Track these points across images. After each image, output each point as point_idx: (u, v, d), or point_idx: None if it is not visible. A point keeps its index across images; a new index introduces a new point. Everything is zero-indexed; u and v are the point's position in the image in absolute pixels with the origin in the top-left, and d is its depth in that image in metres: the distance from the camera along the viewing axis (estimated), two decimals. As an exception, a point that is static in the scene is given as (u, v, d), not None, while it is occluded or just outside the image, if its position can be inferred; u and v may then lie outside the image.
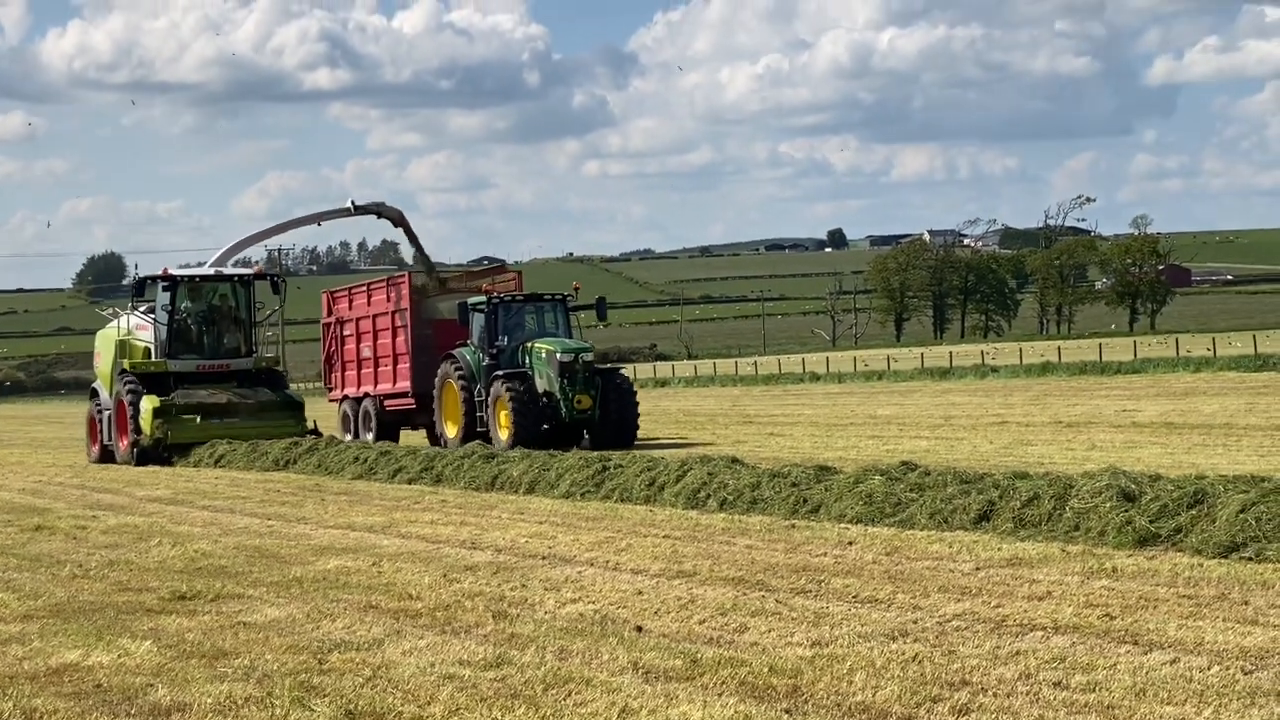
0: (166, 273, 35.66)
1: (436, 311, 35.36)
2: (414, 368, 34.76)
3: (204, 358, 35.38)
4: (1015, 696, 8.32)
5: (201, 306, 35.74)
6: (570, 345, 30.87)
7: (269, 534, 18.14)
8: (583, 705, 8.53)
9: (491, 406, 30.48)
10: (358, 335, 37.40)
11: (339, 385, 38.40)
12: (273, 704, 8.81)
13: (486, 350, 31.37)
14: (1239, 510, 13.19)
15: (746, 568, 13.44)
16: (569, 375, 30.26)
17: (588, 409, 30.36)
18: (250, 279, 36.27)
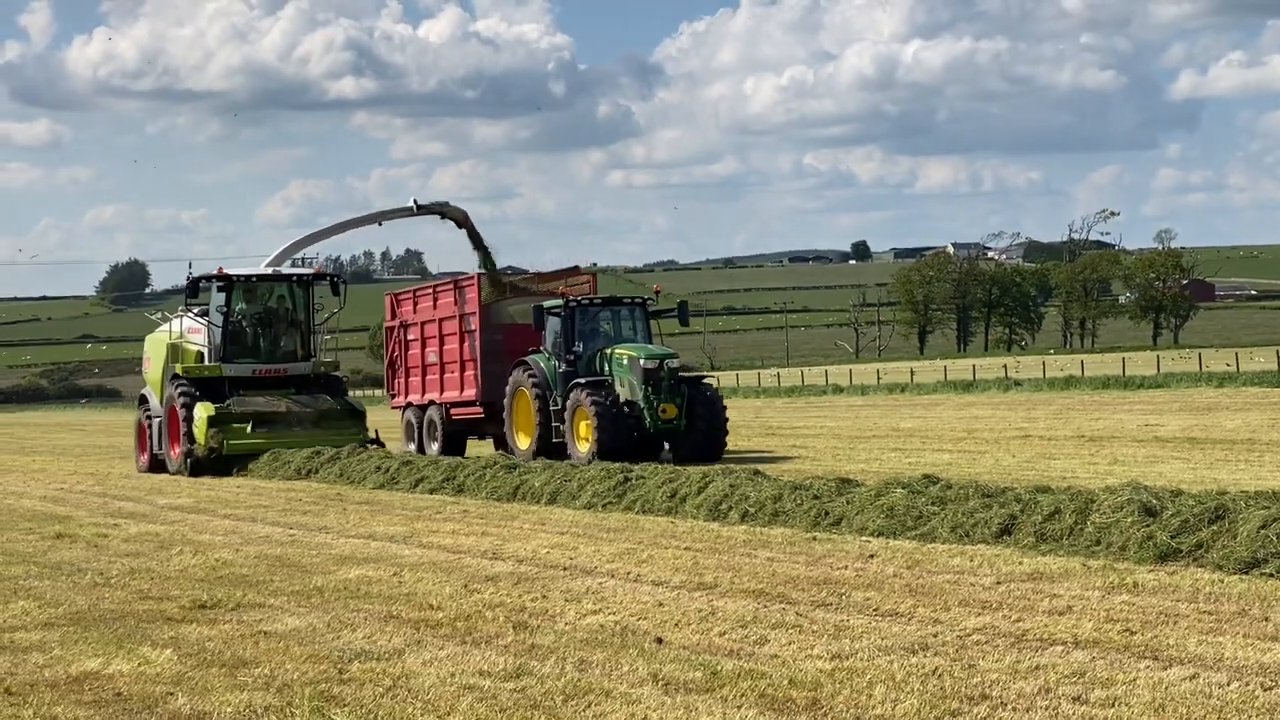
0: (222, 272, 33.90)
1: (506, 316, 33.62)
2: (483, 375, 33.07)
3: (260, 362, 33.77)
4: (1034, 711, 8.31)
5: (257, 308, 34.14)
6: (655, 351, 29.13)
7: (290, 543, 18.19)
8: (602, 716, 8.54)
9: (570, 417, 28.69)
10: (422, 340, 35.55)
11: (402, 392, 36.45)
12: (292, 713, 8.83)
13: (563, 357, 29.59)
14: (1260, 526, 13.15)
15: (767, 580, 13.44)
16: (654, 383, 28.52)
17: (674, 419, 28.60)
18: (309, 279, 34.59)
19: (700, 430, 28.76)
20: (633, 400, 28.49)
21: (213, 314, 33.72)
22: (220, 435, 31.68)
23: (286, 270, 35.18)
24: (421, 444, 34.64)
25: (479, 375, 33.07)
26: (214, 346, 33.61)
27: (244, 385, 33.15)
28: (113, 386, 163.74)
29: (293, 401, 32.90)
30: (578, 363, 29.41)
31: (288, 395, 33.11)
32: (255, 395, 32.81)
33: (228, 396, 32.56)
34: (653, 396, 28.38)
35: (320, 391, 33.69)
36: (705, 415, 28.84)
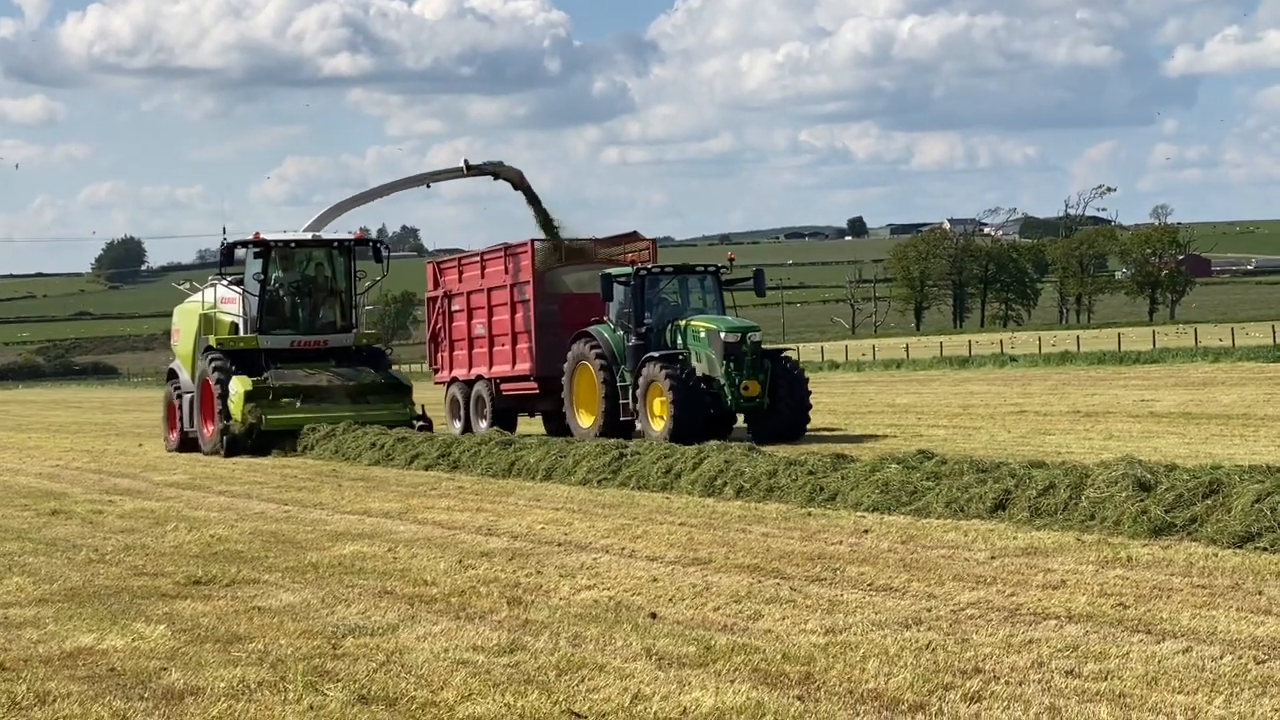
0: (258, 237, 31.58)
1: (562, 285, 31.32)
2: (537, 348, 30.76)
3: (299, 333, 31.73)
4: (1027, 685, 8.31)
5: (295, 276, 32.07)
6: (735, 324, 27.19)
7: (285, 519, 18.19)
8: (595, 691, 8.54)
9: (642, 393, 26.73)
10: (469, 310, 33.19)
11: (446, 366, 34.05)
12: (286, 688, 8.83)
13: (633, 329, 27.53)
14: (1254, 500, 13.16)
15: (762, 555, 13.45)
16: (735, 358, 26.57)
17: (756, 396, 26.68)
18: (351, 245, 32.43)
19: (783, 408, 26.90)
20: (711, 376, 26.76)
21: (248, 282, 31.71)
22: (258, 411, 29.77)
23: (327, 235, 33.15)
24: (468, 421, 32.47)
25: (534, 348, 30.92)
26: (250, 317, 31.66)
27: (281, 358, 31.20)
28: (109, 363, 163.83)
29: (334, 375, 30.95)
30: (649, 335, 27.54)
31: (328, 368, 31.21)
32: (294, 368, 30.89)
33: (265, 370, 30.64)
34: (734, 372, 26.59)
35: (362, 365, 31.71)
36: (789, 392, 26.96)
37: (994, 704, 7.92)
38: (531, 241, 31.58)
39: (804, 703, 8.07)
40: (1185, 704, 7.79)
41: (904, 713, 7.85)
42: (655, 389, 26.55)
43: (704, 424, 25.93)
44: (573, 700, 8.35)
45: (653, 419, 26.58)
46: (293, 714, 8.28)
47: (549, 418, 31.99)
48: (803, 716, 7.79)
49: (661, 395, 26.33)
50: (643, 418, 26.76)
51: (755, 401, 26.74)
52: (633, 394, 27.05)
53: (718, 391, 26.55)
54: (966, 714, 7.78)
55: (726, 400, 26.55)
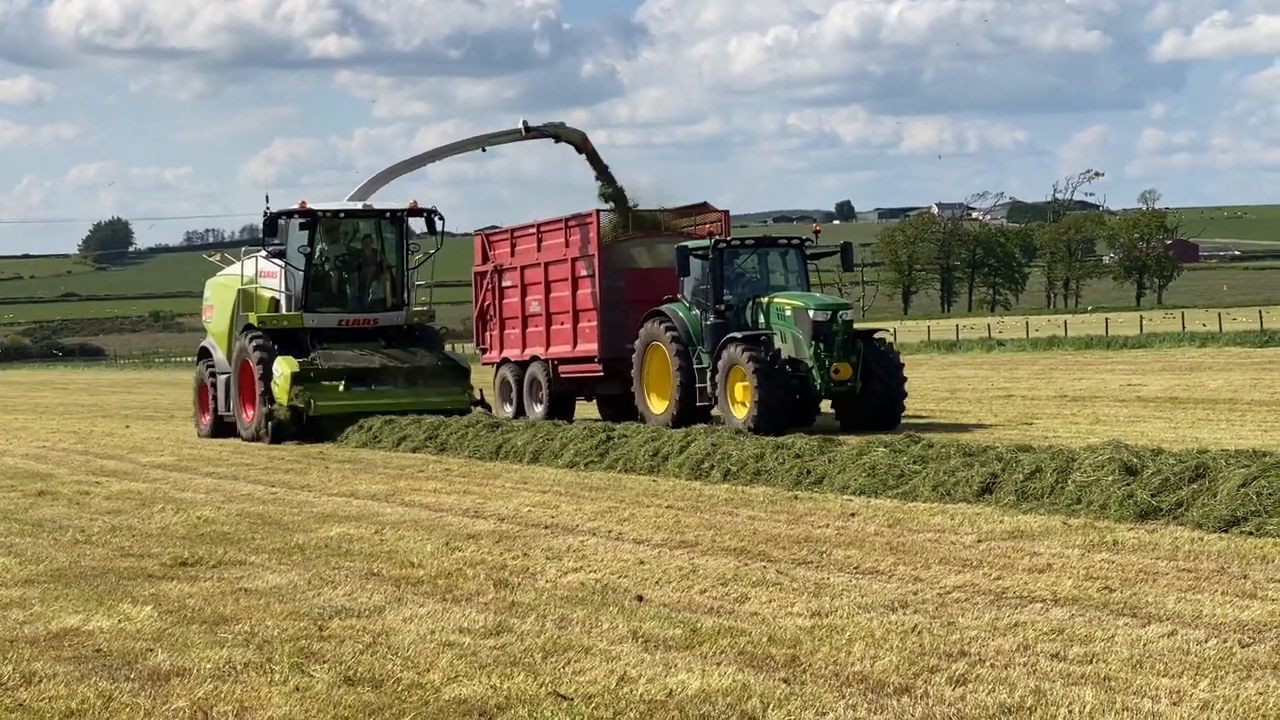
0: (305, 207, 29.27)
1: (629, 259, 29.06)
2: (602, 327, 28.48)
3: (347, 311, 29.56)
4: (1013, 667, 8.33)
5: (341, 249, 29.80)
6: (826, 301, 25.05)
7: (272, 501, 18.17)
8: (581, 673, 8.55)
9: (723, 377, 24.59)
10: (522, 286, 30.71)
11: (496, 346, 31.61)
12: (272, 669, 8.83)
13: (710, 306, 25.38)
14: (1240, 485, 13.19)
15: (748, 538, 13.46)
16: (825, 339, 24.40)
17: (848, 380, 24.47)
18: (404, 214, 29.90)
19: (876, 394, 24.64)
20: (798, 358, 24.56)
21: (292, 255, 29.30)
22: (306, 395, 27.52)
23: (380, 205, 30.55)
24: (521, 406, 30.19)
25: (600, 327, 28.52)
26: (293, 293, 29.37)
27: (327, 338, 29.06)
28: (96, 345, 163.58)
29: (386, 356, 28.73)
30: (729, 313, 25.43)
31: (378, 349, 29.03)
32: (342, 349, 28.70)
33: (310, 350, 28.48)
34: (823, 354, 24.38)
35: (415, 345, 29.50)
36: (882, 376, 24.69)
37: (979, 686, 7.93)
38: (597, 212, 29.30)
39: (790, 685, 8.08)
40: (1170, 687, 7.81)
41: (890, 695, 7.86)
42: (737, 373, 24.44)
43: (790, 410, 24.04)
44: (559, 682, 8.35)
45: (734, 405, 24.51)
46: (279, 695, 8.28)
47: (607, 402, 29.94)
48: (788, 699, 7.80)
49: (744, 380, 24.23)
50: (722, 404, 24.71)
51: (846, 386, 24.55)
52: (711, 378, 24.99)
53: (805, 375, 24.45)
54: (952, 696, 7.79)
55: (815, 385, 24.47)
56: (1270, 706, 7.39)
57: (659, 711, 7.71)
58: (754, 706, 7.70)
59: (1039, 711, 7.45)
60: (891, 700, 7.75)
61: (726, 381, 24.56)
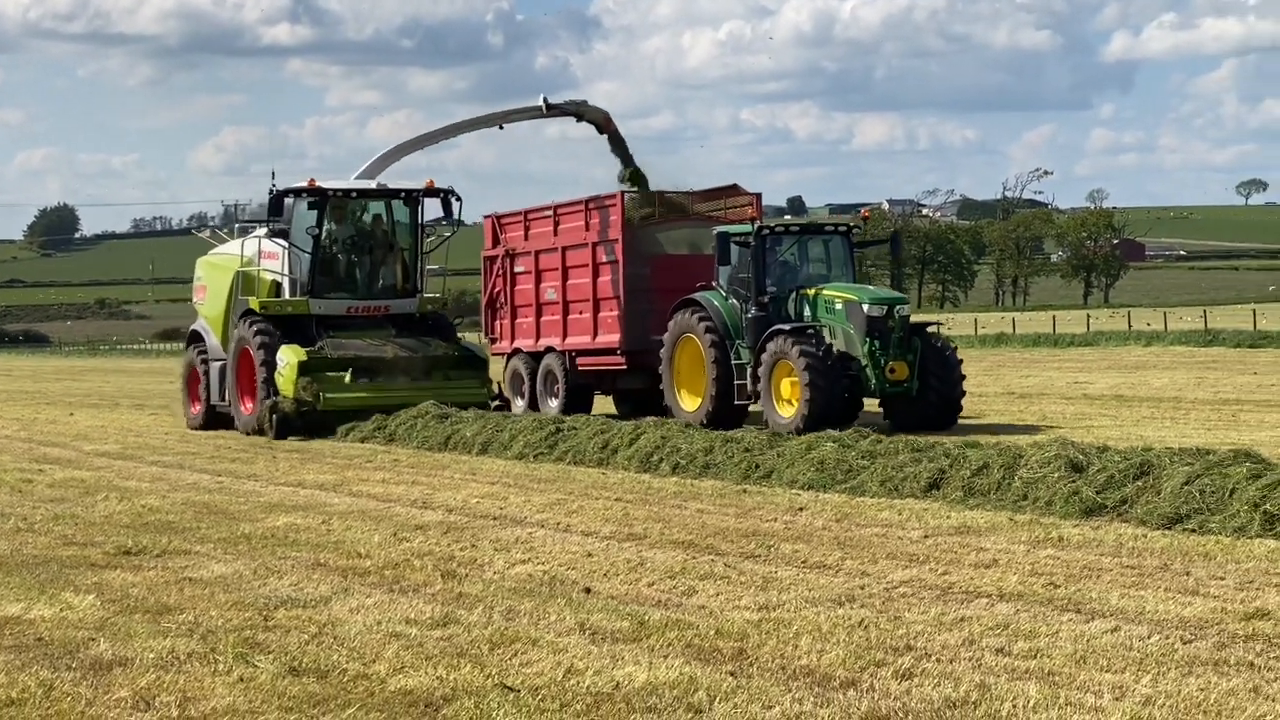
0: (314, 185, 27.15)
1: (655, 244, 27.28)
2: (625, 317, 26.74)
3: (356, 297, 27.64)
4: (958, 662, 8.37)
5: (349, 231, 27.91)
6: (881, 295, 23.56)
7: (218, 490, 18.07)
8: (529, 665, 8.53)
9: (767, 372, 22.80)
10: (537, 273, 28.81)
11: (507, 336, 29.62)
12: (216, 660, 8.78)
13: (751, 296, 23.59)
14: (1183, 482, 13.30)
15: (697, 532, 13.47)
16: (880, 334, 22.70)
17: (904, 380, 22.70)
18: (419, 195, 27.84)
19: (933, 394, 22.93)
20: (849, 354, 22.81)
21: (297, 236, 27.36)
22: (314, 387, 25.55)
23: (394, 185, 28.48)
24: (534, 399, 28.32)
25: (623, 317, 26.76)
26: (298, 277, 27.41)
27: (334, 325, 27.16)
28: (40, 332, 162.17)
29: (399, 346, 26.86)
30: (772, 305, 23.70)
31: (389, 338, 27.17)
32: (351, 338, 26.83)
33: (317, 338, 26.60)
34: (878, 352, 22.70)
35: (428, 334, 27.62)
36: (940, 376, 22.95)
37: (925, 681, 7.96)
38: (621, 193, 27.64)
39: (736, 678, 8.09)
40: (1113, 682, 7.86)
41: (836, 689, 7.88)
42: (784, 368, 22.61)
43: (842, 410, 22.19)
44: (505, 674, 8.34)
45: (779, 403, 22.70)
46: (223, 685, 8.23)
47: (625, 397, 28.41)
48: (735, 692, 7.81)
49: (792, 376, 22.40)
50: (765, 402, 22.87)
51: (902, 386, 22.75)
52: (752, 374, 23.22)
53: (857, 373, 22.64)
54: (898, 691, 7.82)
55: (870, 383, 22.66)
56: (1211, 702, 7.45)
57: (606, 704, 7.71)
58: (700, 699, 7.71)
59: (983, 706, 7.49)
60: (837, 693, 7.78)
61: (771, 378, 22.77)
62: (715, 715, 7.47)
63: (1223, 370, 39.19)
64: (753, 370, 23.18)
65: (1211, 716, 7.24)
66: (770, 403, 22.77)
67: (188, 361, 29.82)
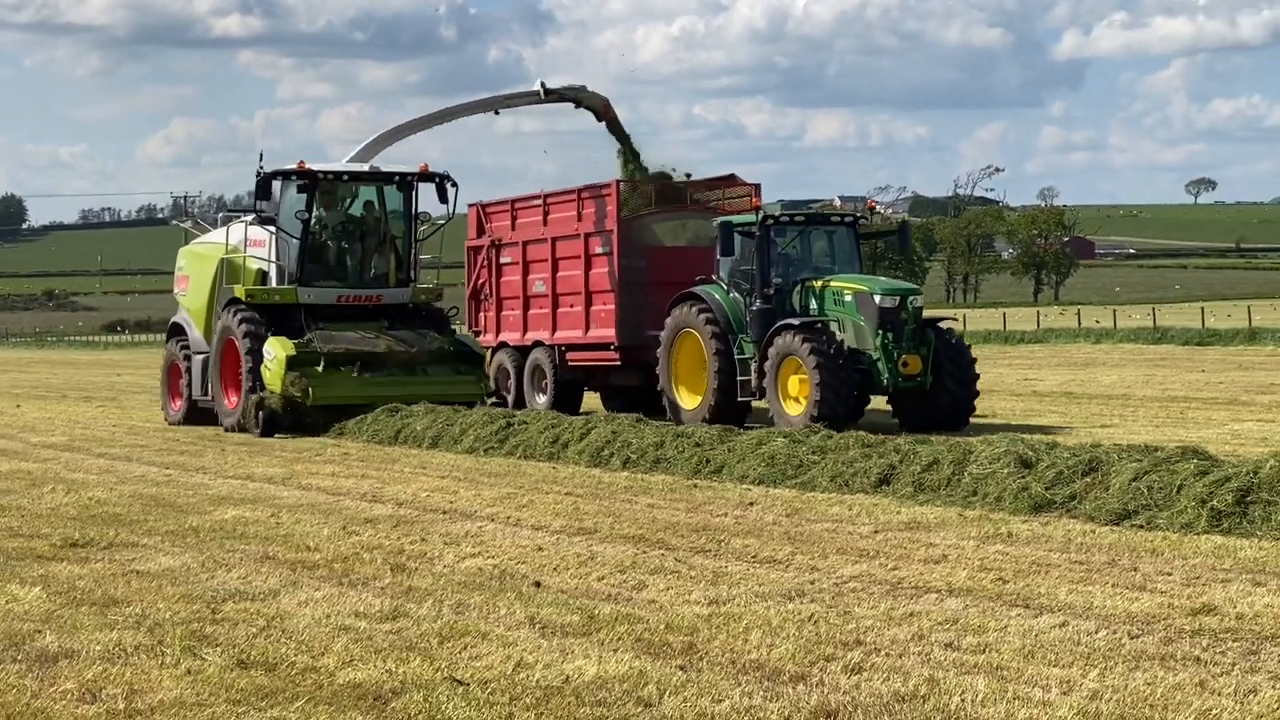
0: (303, 167, 25.82)
1: (651, 235, 26.51)
2: (620, 310, 25.97)
3: (346, 286, 26.31)
4: (907, 656, 8.39)
5: (339, 217, 26.54)
6: (893, 285, 22.95)
7: (166, 483, 17.96)
8: (478, 659, 8.51)
9: (773, 369, 22.07)
10: (525, 264, 27.94)
11: (492, 330, 28.84)
12: (163, 652, 8.72)
13: (756, 289, 22.89)
14: (1131, 479, 13.39)
15: (647, 526, 13.47)
16: (892, 327, 21.92)
17: (917, 375, 21.90)
18: (414, 179, 26.46)
19: (946, 391, 22.08)
20: (859, 349, 21.99)
21: (286, 221, 25.98)
22: (303, 382, 24.19)
23: (388, 168, 27.21)
24: (521, 395, 27.57)
25: (618, 311, 25.96)
26: (286, 265, 26.07)
27: (323, 316, 25.77)
28: None
29: (392, 339, 25.43)
30: (777, 298, 22.97)
31: (381, 330, 25.76)
32: (342, 329, 25.40)
33: (305, 329, 25.20)
34: (891, 345, 21.89)
35: (421, 326, 26.23)
36: (952, 371, 22.15)
37: (874, 675, 7.98)
38: (616, 182, 26.87)
39: (686, 672, 8.09)
40: (1061, 677, 7.90)
41: (785, 683, 7.89)
42: (791, 364, 21.89)
43: (852, 407, 21.68)
44: (455, 667, 8.31)
45: (786, 400, 21.98)
46: (170, 678, 8.17)
47: (614, 393, 27.73)
48: (685, 686, 7.81)
49: (801, 372, 21.69)
50: (771, 399, 22.18)
51: (916, 381, 21.91)
52: (756, 370, 22.50)
53: (867, 368, 21.86)
54: (847, 685, 7.83)
55: (882, 379, 21.83)
56: (1158, 697, 7.50)
57: (555, 697, 7.69)
58: (650, 693, 7.70)
59: (932, 700, 7.51)
60: (787, 688, 7.79)
61: (777, 374, 22.04)
62: (665, 709, 7.46)
63: (1171, 368, 39.47)
64: (758, 366, 22.46)
65: (1158, 710, 7.28)
66: (777, 400, 22.08)
67: (168, 355, 28.58)
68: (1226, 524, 12.33)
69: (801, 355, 21.56)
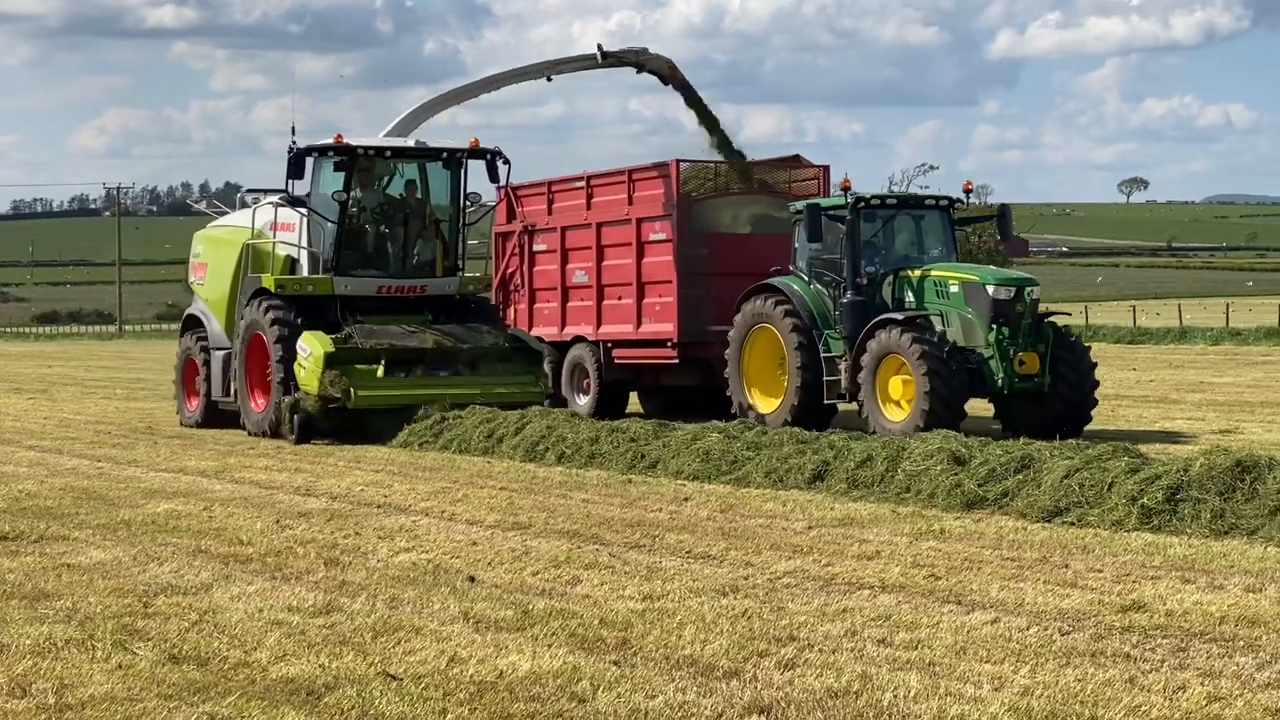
0: (341, 141, 22.90)
1: (715, 221, 24.38)
2: (680, 303, 23.81)
3: (388, 275, 23.42)
4: (840, 652, 8.44)
5: (377, 198, 23.58)
6: (1008, 275, 20.75)
7: (98, 476, 17.81)
8: (412, 654, 8.49)
9: (871, 368, 19.86)
10: (563, 251, 25.67)
11: (524, 323, 26.24)
12: (94, 646, 8.65)
13: (848, 280, 20.73)
14: (1063, 476, 13.52)
15: (582, 521, 13.48)
16: (1008, 321, 19.84)
17: (1035, 375, 19.75)
18: (464, 155, 23.48)
19: (1063, 394, 19.96)
20: (967, 346, 19.93)
21: (321, 203, 23.14)
22: (345, 382, 21.42)
23: (435, 144, 23.90)
24: (558, 394, 24.98)
25: (679, 303, 23.78)
26: (320, 251, 23.21)
27: (361, 308, 23.04)
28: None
29: (441, 334, 22.72)
30: (869, 289, 20.86)
31: (426, 324, 23.12)
32: (384, 323, 22.75)
33: (342, 324, 22.64)
34: (1006, 341, 19.78)
35: (471, 319, 23.46)
36: (1070, 373, 20.02)
37: (807, 671, 8.02)
38: (676, 161, 24.29)
39: (620, 668, 8.11)
40: (992, 673, 7.97)
41: (719, 679, 7.92)
42: (892, 363, 19.74)
43: (962, 411, 19.50)
44: (388, 662, 8.29)
45: (885, 405, 19.85)
46: (101, 673, 8.11)
47: (654, 394, 25.83)
48: (619, 681, 7.82)
49: (904, 373, 19.54)
50: (868, 402, 19.95)
51: (1032, 382, 19.80)
52: (848, 369, 20.35)
53: (978, 367, 19.80)
54: (780, 680, 7.87)
55: (995, 379, 19.73)
56: (1088, 693, 7.57)
57: (489, 692, 7.69)
58: (584, 688, 7.71)
59: (865, 696, 7.56)
60: (721, 683, 7.81)
61: (875, 375, 19.88)
62: (598, 705, 7.48)
63: (1102, 366, 39.53)
64: (851, 365, 20.30)
65: (1088, 706, 7.35)
66: (874, 403, 19.89)
67: (183, 350, 25.83)
68: (1157, 521, 12.47)
69: (906, 353, 19.44)
